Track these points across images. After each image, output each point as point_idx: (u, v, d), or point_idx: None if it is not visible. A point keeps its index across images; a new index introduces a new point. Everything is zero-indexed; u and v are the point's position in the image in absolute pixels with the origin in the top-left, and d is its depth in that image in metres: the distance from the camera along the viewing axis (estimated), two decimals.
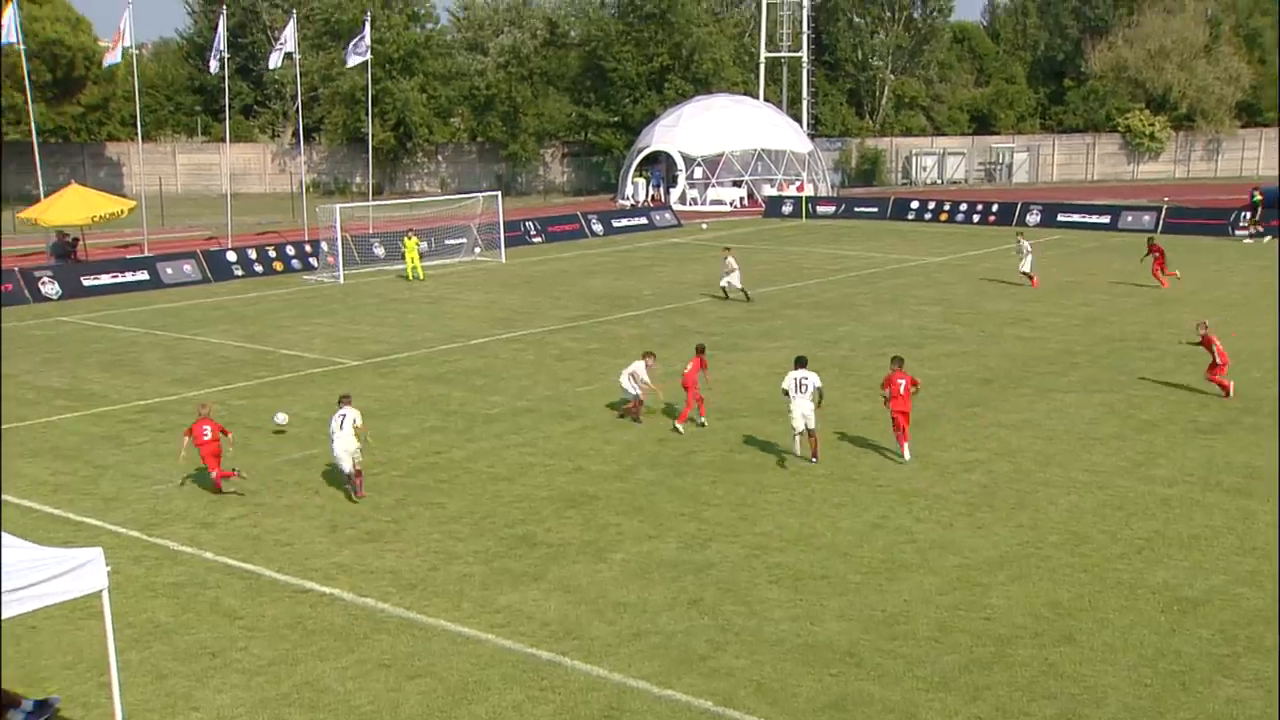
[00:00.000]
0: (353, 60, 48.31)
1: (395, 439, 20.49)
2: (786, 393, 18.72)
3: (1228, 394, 22.40)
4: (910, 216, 57.05)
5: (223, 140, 62.55)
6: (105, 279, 38.31)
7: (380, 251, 43.68)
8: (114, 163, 74.25)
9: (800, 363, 19.08)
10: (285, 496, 17.64)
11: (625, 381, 21.49)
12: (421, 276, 39.61)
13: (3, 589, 8.86)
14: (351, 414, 17.40)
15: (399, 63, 71.42)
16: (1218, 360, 22.44)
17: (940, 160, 79.24)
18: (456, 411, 22.37)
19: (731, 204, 64.54)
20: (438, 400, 23.24)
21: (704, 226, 55.23)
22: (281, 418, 21.05)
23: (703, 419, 21.01)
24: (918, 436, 19.86)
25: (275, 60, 49.09)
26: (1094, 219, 52.83)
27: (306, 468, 18.91)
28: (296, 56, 49.13)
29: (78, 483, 18.43)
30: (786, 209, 60.17)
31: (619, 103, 73.26)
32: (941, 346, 27.68)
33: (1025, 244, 36.85)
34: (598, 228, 53.34)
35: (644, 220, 55.94)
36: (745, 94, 73.26)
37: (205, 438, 17.58)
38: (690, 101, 68.99)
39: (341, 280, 39.66)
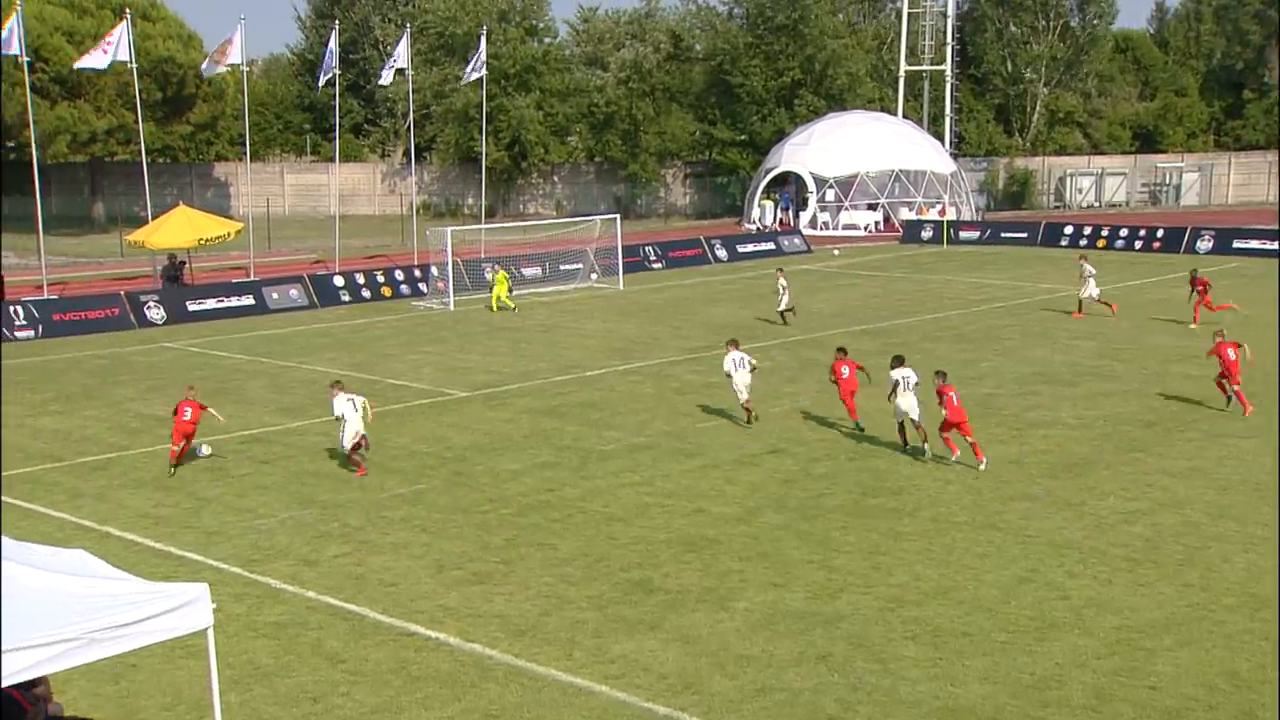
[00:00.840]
0: (470, 75, 49.58)
1: (505, 475, 20.79)
2: (894, 389, 21.06)
3: (1245, 409, 23.59)
4: (1063, 243, 55.89)
5: (331, 160, 64.43)
6: (210, 304, 39.76)
7: (492, 277, 44.34)
8: (221, 183, 77.08)
9: (899, 361, 21.48)
10: (390, 534, 18.01)
11: (745, 373, 23.26)
12: (494, 309, 39.71)
13: (108, 625, 9.20)
14: (359, 398, 20.56)
15: (515, 79, 72.66)
16: (1228, 369, 23.57)
17: (1098, 181, 77.51)
18: (570, 447, 22.59)
19: (866, 228, 64.10)
20: (550, 435, 23.50)
21: (835, 252, 54.93)
22: (205, 450, 22.11)
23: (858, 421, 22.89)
24: (1071, 484, 19.55)
25: (387, 76, 50.50)
26: (1277, 245, 51.01)
27: (413, 504, 19.28)
28: (409, 72, 50.45)
29: (180, 515, 19.09)
30: (926, 234, 59.54)
31: (746, 120, 73.42)
32: (1099, 385, 27.02)
33: (1088, 267, 35.95)
34: (722, 253, 53.49)
35: (771, 245, 55.90)
36: (882, 110, 72.83)
37: (185, 418, 20.52)
38: (822, 119, 68.82)
39: (452, 307, 40.46)
